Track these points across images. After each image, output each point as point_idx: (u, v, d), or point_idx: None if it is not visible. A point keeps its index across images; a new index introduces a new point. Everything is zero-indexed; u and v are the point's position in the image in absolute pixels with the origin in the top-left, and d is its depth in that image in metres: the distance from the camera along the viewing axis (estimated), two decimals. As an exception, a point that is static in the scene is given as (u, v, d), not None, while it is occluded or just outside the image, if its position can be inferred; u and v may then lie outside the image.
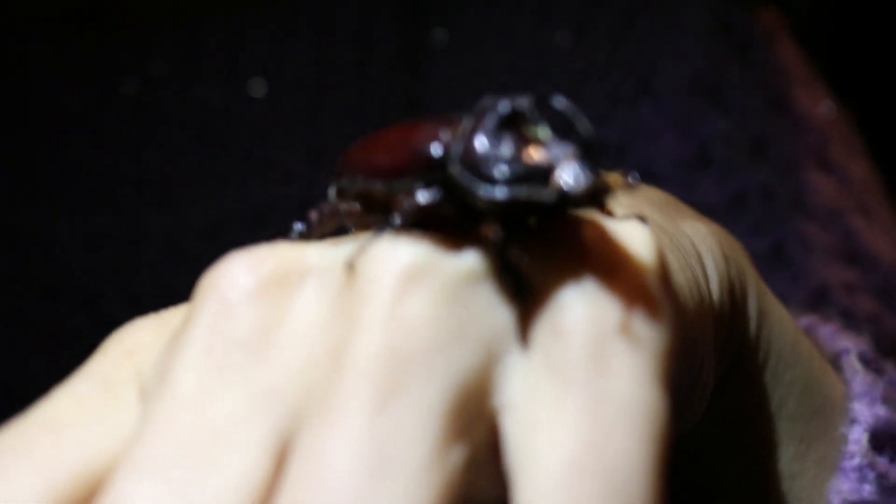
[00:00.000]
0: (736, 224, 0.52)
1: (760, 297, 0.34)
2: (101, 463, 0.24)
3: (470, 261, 0.24)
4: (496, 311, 0.24)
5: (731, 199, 0.53)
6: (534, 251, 0.24)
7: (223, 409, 0.23)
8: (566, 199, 0.23)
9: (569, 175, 0.23)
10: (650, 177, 0.52)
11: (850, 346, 0.39)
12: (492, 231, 0.24)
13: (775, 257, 0.52)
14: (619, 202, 0.29)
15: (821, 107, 0.57)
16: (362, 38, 0.59)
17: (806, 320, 0.41)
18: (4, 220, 0.61)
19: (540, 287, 0.24)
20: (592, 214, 0.25)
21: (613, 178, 0.24)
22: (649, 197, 0.33)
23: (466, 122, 0.25)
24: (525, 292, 0.24)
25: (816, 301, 0.52)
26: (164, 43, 0.61)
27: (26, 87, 0.63)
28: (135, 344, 0.27)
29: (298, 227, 0.29)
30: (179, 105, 0.60)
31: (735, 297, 0.32)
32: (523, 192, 0.23)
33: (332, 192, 0.28)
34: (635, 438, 0.22)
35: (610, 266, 0.24)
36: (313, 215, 0.28)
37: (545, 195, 0.23)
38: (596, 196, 0.24)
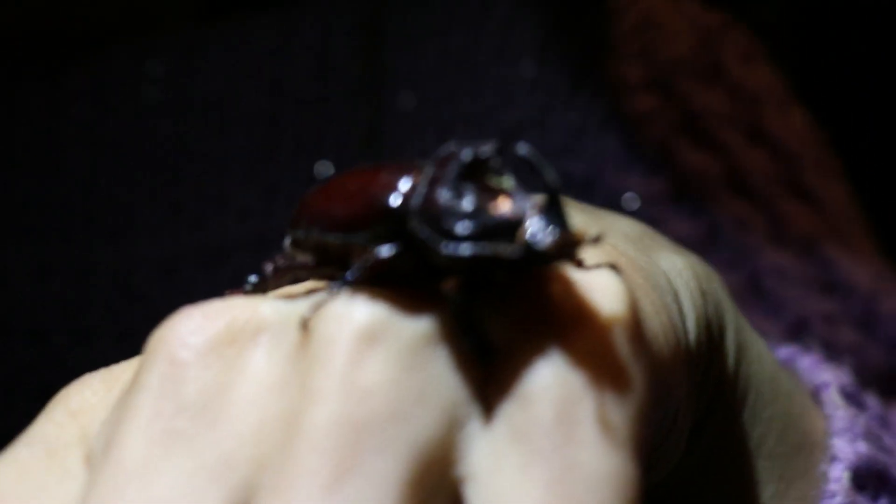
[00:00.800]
0: (711, 258, 0.51)
1: (738, 332, 0.34)
2: None
3: (429, 322, 0.23)
4: (457, 375, 0.23)
5: (706, 232, 0.53)
6: (498, 308, 0.23)
7: (170, 481, 0.22)
8: (533, 256, 0.22)
9: (535, 230, 0.22)
10: (618, 211, 0.52)
11: (830, 379, 0.38)
12: (453, 290, 0.23)
13: (752, 290, 0.52)
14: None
15: (796, 131, 0.57)
16: (321, 69, 0.59)
17: (786, 351, 0.40)
18: None
19: (505, 348, 0.23)
20: (561, 266, 0.24)
21: (580, 230, 0.23)
22: (625, 231, 0.32)
23: (427, 171, 0.23)
24: (488, 354, 0.23)
25: (796, 333, 0.51)
26: (115, 72, 0.60)
27: None
28: (81, 404, 0.25)
29: (252, 279, 0.27)
30: (132, 136, 0.60)
31: (712, 334, 0.31)
32: (487, 248, 0.22)
33: (287, 242, 0.27)
34: None
35: (578, 326, 0.23)
36: (268, 267, 0.27)
37: (511, 252, 0.22)
38: (564, 251, 0.22)
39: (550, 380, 0.22)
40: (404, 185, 0.23)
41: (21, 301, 0.59)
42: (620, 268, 0.25)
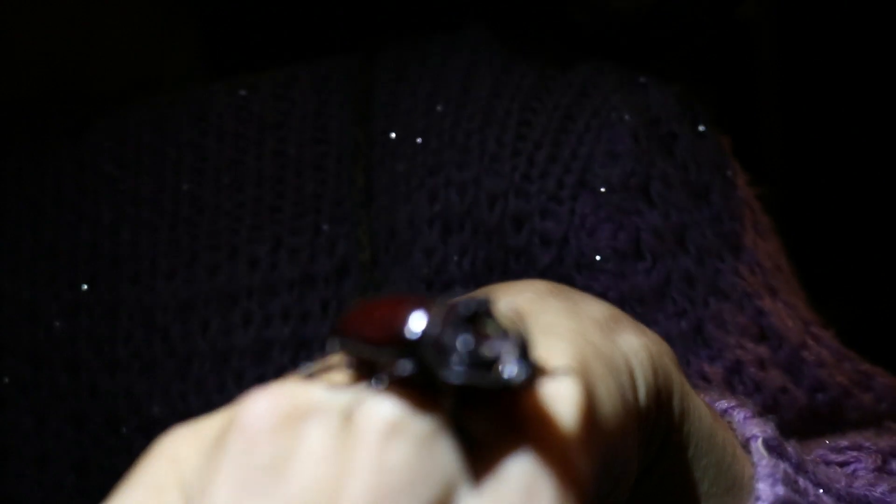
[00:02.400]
0: (662, 307, 0.59)
1: (683, 398, 0.42)
2: None
3: (435, 419, 0.32)
4: (452, 458, 0.32)
5: (658, 286, 0.59)
6: (483, 413, 0.32)
7: None
8: (507, 386, 0.31)
9: (510, 369, 0.31)
10: (588, 267, 0.59)
11: (758, 432, 0.46)
12: (447, 403, 0.32)
13: (696, 337, 0.59)
14: (560, 340, 0.36)
15: (737, 191, 0.63)
16: (318, 137, 0.66)
17: (724, 404, 0.48)
18: None
19: (490, 440, 0.32)
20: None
21: (547, 369, 0.31)
22: (594, 316, 0.41)
23: (435, 315, 0.32)
24: (473, 444, 0.32)
25: (732, 375, 0.58)
26: (134, 131, 0.67)
27: (7, 170, 0.69)
28: (176, 453, 0.34)
29: (306, 366, 0.36)
30: (152, 189, 0.67)
31: (661, 401, 0.40)
32: (473, 379, 0.31)
33: (330, 344, 0.36)
34: None
35: (542, 427, 0.32)
36: (319, 364, 0.36)
37: (490, 382, 0.31)
38: (530, 382, 0.31)
39: (519, 467, 0.31)
40: (419, 321, 0.32)
41: (55, 335, 0.66)
42: (583, 367, 0.34)
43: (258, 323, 0.63)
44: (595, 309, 0.42)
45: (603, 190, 0.60)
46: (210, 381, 0.63)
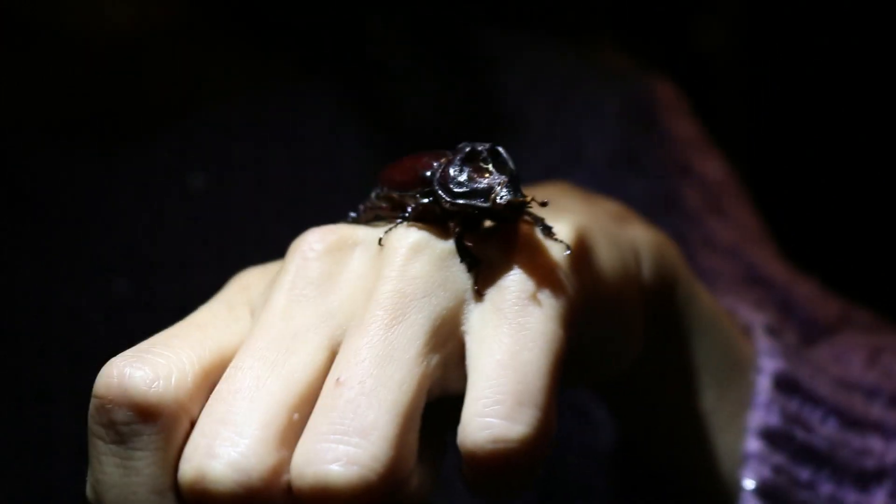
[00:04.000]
0: None
1: (688, 285, 0.51)
2: (228, 349, 0.40)
3: (450, 244, 0.41)
4: (463, 275, 0.40)
5: None
6: (491, 240, 0.41)
7: (300, 320, 0.40)
8: (497, 208, 0.40)
9: (498, 193, 0.40)
10: None
11: (758, 319, 0.55)
12: (453, 226, 0.41)
13: None
14: (566, 211, 0.44)
15: (714, 169, 0.72)
16: (335, 127, 0.72)
17: (727, 301, 0.57)
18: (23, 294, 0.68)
19: (494, 261, 0.40)
20: (529, 220, 0.41)
21: (530, 196, 0.40)
22: (608, 209, 0.49)
23: (447, 157, 0.41)
24: (478, 265, 0.40)
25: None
26: (161, 137, 0.70)
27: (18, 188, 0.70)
28: (247, 281, 0.43)
29: (352, 215, 0.46)
30: (161, 191, 0.70)
31: (665, 283, 0.48)
32: (470, 201, 0.40)
33: (372, 195, 0.45)
34: (538, 351, 0.38)
35: (536, 251, 0.41)
36: (361, 207, 0.45)
37: (483, 204, 0.40)
38: (517, 208, 0.40)
39: (516, 278, 0.40)
40: (434, 164, 0.42)
41: (95, 334, 0.67)
42: (584, 230, 0.42)
43: None
44: (610, 205, 0.51)
45: (595, 164, 0.69)
46: None
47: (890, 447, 0.53)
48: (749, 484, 0.50)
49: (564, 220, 0.43)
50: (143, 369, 0.38)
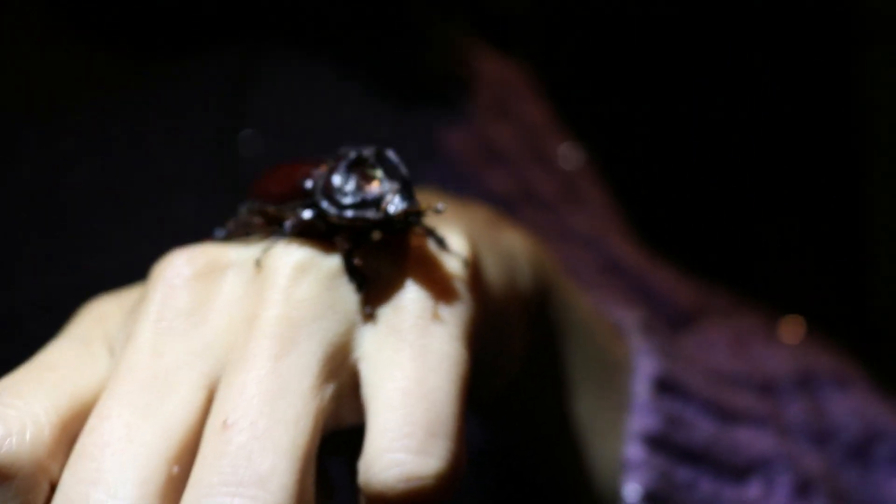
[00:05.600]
0: None
1: (562, 291, 0.48)
2: (88, 395, 0.36)
3: (337, 261, 0.37)
4: (352, 296, 0.37)
5: None
6: (381, 254, 0.37)
7: (171, 357, 0.36)
8: (390, 219, 0.37)
9: (391, 202, 0.37)
10: None
11: (627, 315, 0.54)
12: (341, 242, 0.37)
13: None
14: (450, 221, 0.41)
15: (566, 154, 0.71)
16: (177, 124, 0.68)
17: (596, 295, 0.55)
18: None
19: (386, 278, 0.37)
20: (420, 231, 0.38)
21: (426, 204, 0.37)
22: (482, 215, 0.47)
23: (328, 165, 0.38)
24: (367, 283, 0.37)
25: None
26: None
27: None
28: (102, 313, 0.39)
29: (220, 232, 0.41)
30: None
31: (541, 290, 0.46)
32: (360, 213, 0.37)
33: (242, 209, 0.41)
34: (445, 375, 0.35)
35: (432, 265, 0.38)
36: (230, 224, 0.41)
37: (374, 216, 0.37)
38: (411, 217, 0.37)
39: (413, 296, 0.37)
40: (315, 173, 0.38)
41: None
42: (469, 236, 0.40)
43: None
44: (483, 211, 0.48)
45: (453, 156, 0.66)
46: None
47: (759, 436, 0.53)
48: (633, 490, 0.49)
49: (454, 230, 0.40)
50: None
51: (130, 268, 0.63)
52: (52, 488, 0.34)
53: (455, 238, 0.39)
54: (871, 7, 1.83)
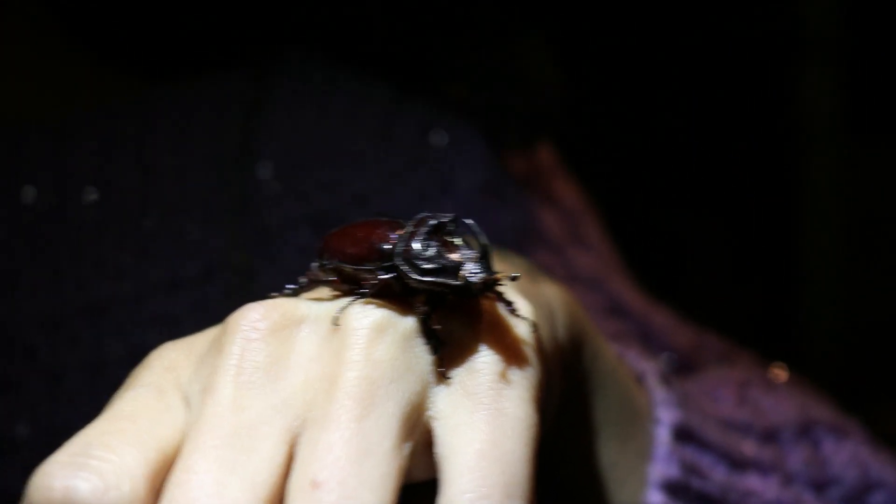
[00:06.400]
0: None
1: (593, 341, 0.50)
2: (169, 446, 0.36)
3: (412, 322, 0.38)
4: (426, 356, 0.38)
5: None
6: (454, 317, 0.39)
7: (253, 412, 0.36)
8: (469, 286, 0.38)
9: (471, 270, 0.38)
10: None
11: (648, 367, 0.55)
12: (419, 305, 0.38)
13: None
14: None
15: (570, 193, 0.73)
16: (182, 146, 0.69)
17: (615, 347, 0.56)
18: None
19: (459, 340, 0.38)
20: (492, 296, 0.40)
21: (502, 273, 0.39)
22: (521, 267, 0.48)
23: (408, 229, 0.39)
24: (444, 346, 0.38)
25: None
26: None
27: None
28: (172, 362, 0.39)
29: (290, 287, 0.42)
30: (6, 207, 0.67)
31: (575, 340, 0.47)
32: (440, 279, 0.38)
33: (314, 265, 0.42)
34: (519, 439, 0.37)
35: (503, 330, 0.39)
36: (302, 280, 0.42)
37: (454, 282, 0.38)
38: (490, 286, 0.38)
39: (487, 359, 0.38)
40: (393, 236, 0.39)
41: None
42: (533, 300, 0.41)
43: (130, 331, 0.65)
44: (520, 261, 0.50)
45: (464, 194, 0.68)
46: (84, 395, 0.65)
47: (767, 484, 0.55)
48: None
49: (517, 294, 0.41)
50: (91, 479, 0.34)
51: (138, 288, 0.67)
52: None
53: (523, 303, 0.40)
54: (810, 30, 1.89)
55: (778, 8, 1.87)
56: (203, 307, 0.65)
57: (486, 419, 0.37)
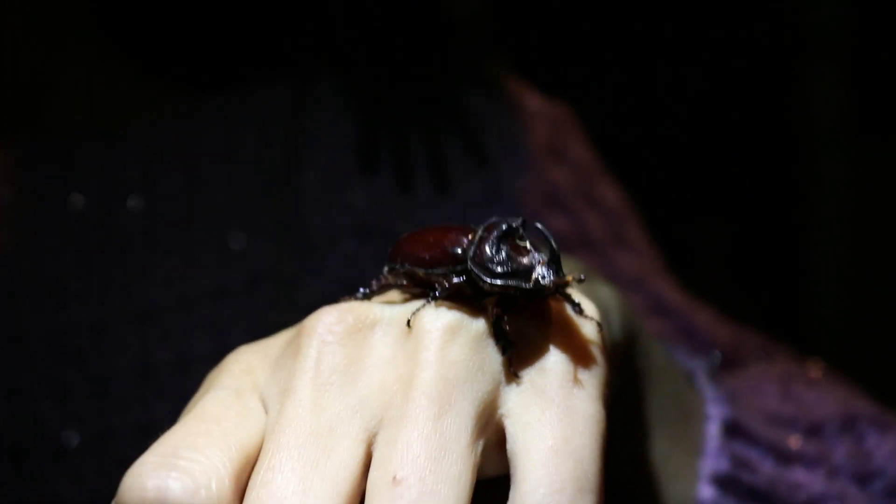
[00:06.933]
0: None
1: (645, 338, 0.51)
2: (251, 446, 0.37)
3: (483, 324, 0.39)
4: (497, 356, 0.39)
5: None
6: (524, 318, 0.40)
7: (332, 412, 0.37)
8: (540, 289, 0.39)
9: (541, 273, 0.39)
10: None
11: (697, 365, 0.56)
12: (493, 308, 0.39)
13: None
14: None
15: (613, 195, 0.74)
16: (229, 155, 0.70)
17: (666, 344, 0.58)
18: None
19: (529, 341, 0.39)
20: (559, 297, 0.41)
21: (570, 275, 0.40)
22: (577, 269, 0.48)
23: (479, 234, 0.40)
24: (514, 347, 0.39)
25: None
26: (45, 161, 0.70)
27: None
28: (248, 365, 0.41)
29: (363, 291, 0.43)
30: (57, 215, 0.69)
31: (628, 339, 0.49)
32: (511, 283, 0.39)
33: (386, 269, 0.43)
34: (589, 435, 0.38)
35: (571, 330, 0.40)
36: (374, 284, 0.43)
37: (526, 285, 0.39)
38: (559, 287, 0.40)
39: (557, 359, 0.39)
40: (465, 241, 0.40)
41: None
42: (598, 301, 0.42)
43: (176, 338, 0.67)
44: (575, 262, 0.51)
45: (514, 199, 0.69)
46: (132, 399, 0.66)
47: (813, 477, 0.56)
48: None
49: (583, 295, 0.42)
50: (182, 479, 0.35)
51: (184, 296, 0.68)
52: None
53: (588, 304, 0.42)
54: (816, 31, 1.90)
55: (784, 9, 1.89)
56: (248, 315, 0.67)
57: (557, 417, 0.38)
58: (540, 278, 0.39)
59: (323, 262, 0.67)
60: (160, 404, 0.65)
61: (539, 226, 0.40)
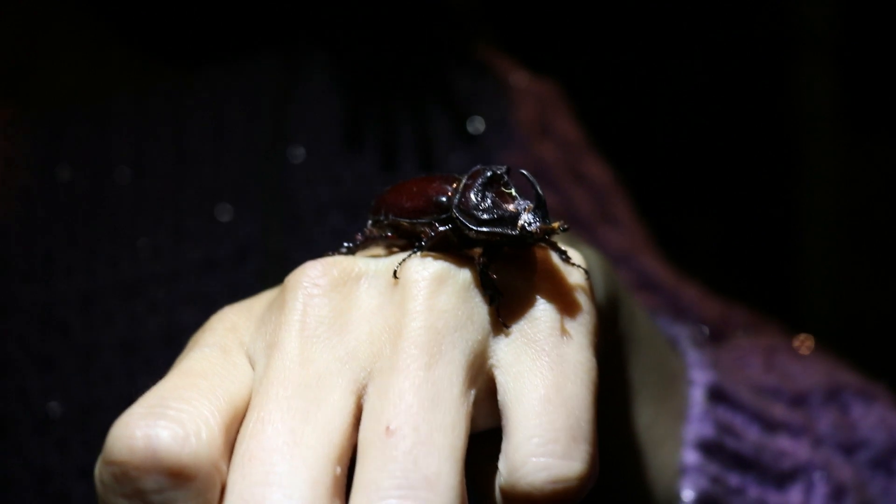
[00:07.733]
0: None
1: (629, 302, 0.51)
2: (239, 399, 0.37)
3: (470, 273, 0.39)
4: (484, 306, 0.39)
5: None
6: (510, 267, 0.40)
7: (320, 364, 0.37)
8: (526, 235, 0.39)
9: (527, 220, 0.39)
10: None
11: (681, 331, 0.56)
12: (478, 256, 0.39)
13: None
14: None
15: (599, 172, 0.74)
16: (217, 129, 0.70)
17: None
18: None
19: (516, 290, 0.39)
20: (545, 245, 0.41)
21: (556, 222, 0.40)
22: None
23: (463, 181, 0.40)
24: (501, 296, 0.39)
25: None
26: (32, 133, 0.70)
27: None
28: (233, 323, 0.40)
29: (346, 245, 0.43)
30: (45, 188, 0.69)
31: (611, 302, 0.49)
32: (497, 230, 0.39)
33: (370, 222, 0.42)
34: (581, 383, 0.38)
35: (558, 278, 0.40)
36: (358, 237, 0.43)
37: (512, 231, 0.39)
38: (546, 234, 0.39)
39: (545, 307, 0.39)
40: (449, 189, 0.40)
41: None
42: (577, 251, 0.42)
43: (164, 311, 0.66)
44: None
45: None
46: (118, 371, 0.66)
47: (798, 446, 0.56)
48: (688, 495, 0.52)
49: (567, 244, 0.42)
50: (171, 427, 0.35)
51: (172, 268, 0.68)
52: (222, 488, 0.35)
53: (574, 252, 0.41)
54: (808, 29, 1.91)
55: (777, 7, 1.89)
56: (236, 288, 0.66)
57: (548, 365, 0.38)
58: (526, 225, 0.38)
59: (310, 236, 0.67)
60: (146, 376, 0.63)
61: (524, 172, 0.40)
